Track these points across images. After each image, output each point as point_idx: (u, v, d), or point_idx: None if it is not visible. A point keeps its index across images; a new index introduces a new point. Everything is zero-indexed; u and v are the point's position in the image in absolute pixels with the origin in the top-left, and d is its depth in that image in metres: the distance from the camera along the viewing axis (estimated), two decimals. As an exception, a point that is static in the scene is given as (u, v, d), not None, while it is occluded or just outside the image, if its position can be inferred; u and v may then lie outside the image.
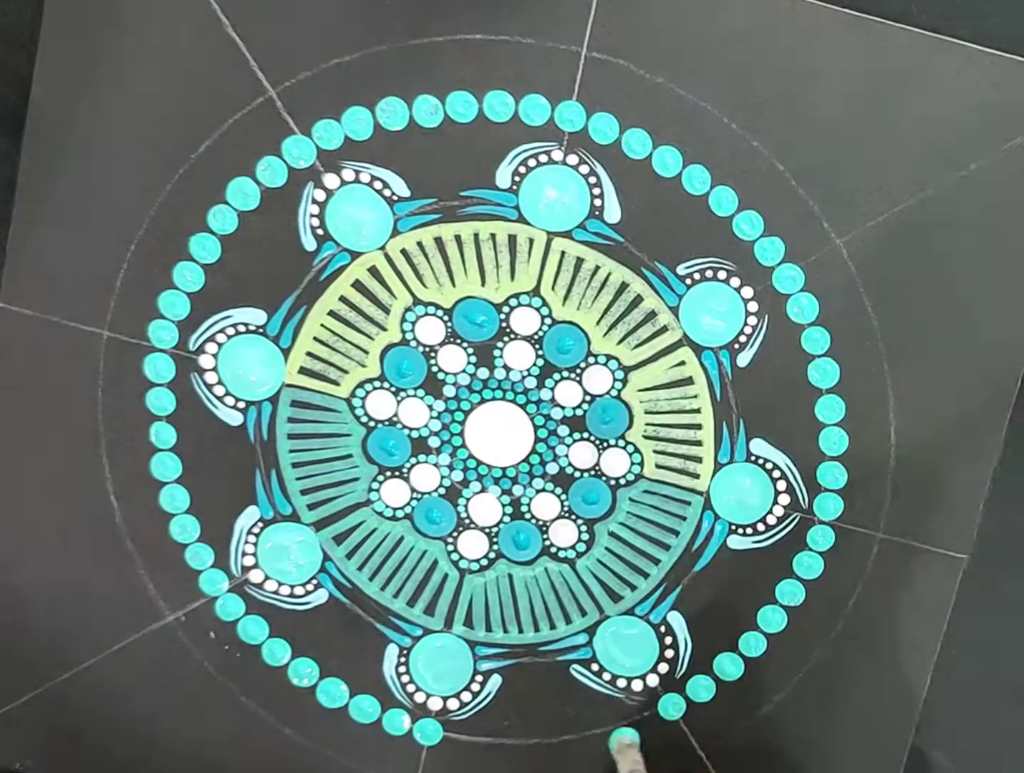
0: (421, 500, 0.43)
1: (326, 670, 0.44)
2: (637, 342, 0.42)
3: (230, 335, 0.42)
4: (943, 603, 0.43)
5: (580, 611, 0.43)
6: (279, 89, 0.40)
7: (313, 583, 0.43)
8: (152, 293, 0.41)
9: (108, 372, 0.42)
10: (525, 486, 0.43)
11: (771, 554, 0.42)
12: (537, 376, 0.42)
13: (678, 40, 0.39)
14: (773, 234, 0.41)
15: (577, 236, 0.41)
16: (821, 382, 0.41)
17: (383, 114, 0.40)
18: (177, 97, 0.40)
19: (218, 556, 0.43)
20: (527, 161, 0.40)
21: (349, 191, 0.41)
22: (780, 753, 0.43)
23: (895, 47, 0.39)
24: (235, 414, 0.42)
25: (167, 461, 0.42)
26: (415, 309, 0.42)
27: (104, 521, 0.43)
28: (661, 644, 0.43)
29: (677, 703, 0.43)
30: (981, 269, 0.41)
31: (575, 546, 0.43)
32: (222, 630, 0.43)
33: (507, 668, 0.44)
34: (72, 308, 0.41)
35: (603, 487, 0.43)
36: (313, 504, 0.43)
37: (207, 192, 0.41)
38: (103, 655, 0.43)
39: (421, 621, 0.44)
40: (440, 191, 0.41)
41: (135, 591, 0.43)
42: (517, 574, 0.43)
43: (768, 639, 0.43)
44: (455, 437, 0.42)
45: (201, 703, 0.44)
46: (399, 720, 0.44)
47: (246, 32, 0.40)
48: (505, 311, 0.41)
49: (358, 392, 0.42)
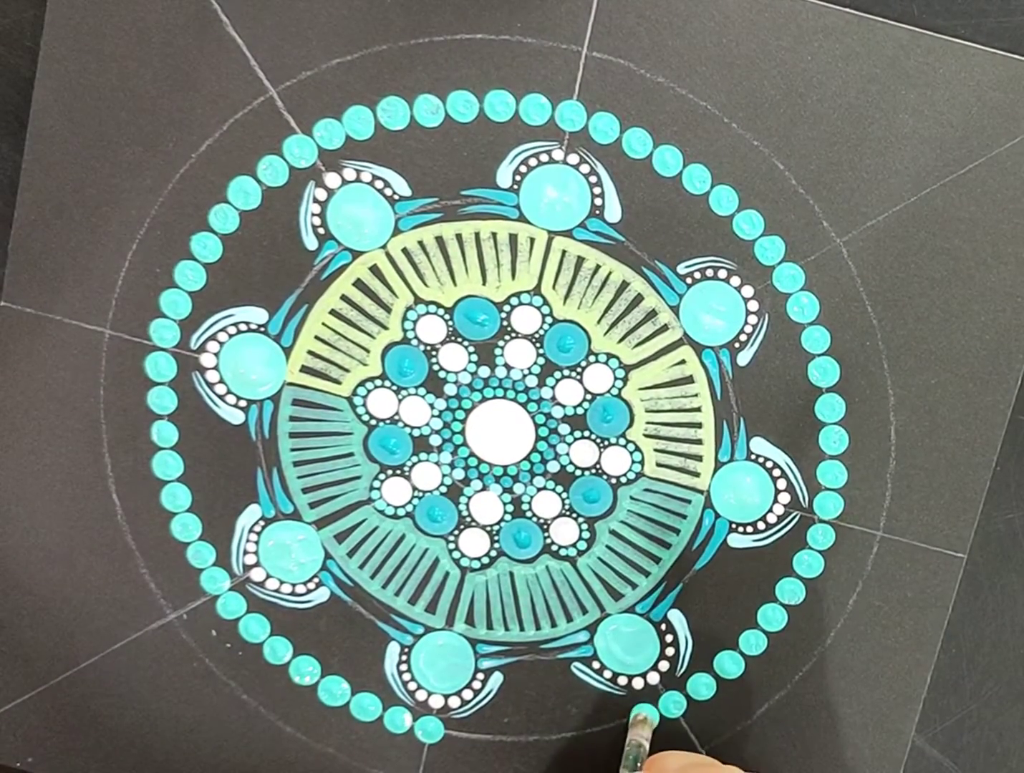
0: (422, 498, 0.43)
1: (327, 668, 0.44)
2: (638, 341, 0.42)
3: (231, 334, 0.42)
4: (943, 602, 0.43)
5: (581, 609, 0.43)
6: (280, 89, 0.40)
7: (314, 581, 0.43)
8: (154, 292, 0.41)
9: (110, 371, 0.42)
10: (526, 484, 0.43)
11: (771, 552, 0.43)
12: (538, 375, 0.42)
13: (679, 40, 0.40)
14: (773, 233, 0.41)
15: (578, 235, 0.41)
16: (821, 381, 0.41)
17: (384, 114, 0.40)
18: (178, 97, 0.40)
19: (219, 554, 0.43)
20: (528, 160, 0.41)
21: (350, 190, 0.41)
22: (780, 751, 0.44)
23: (896, 46, 0.39)
24: (236, 413, 0.42)
25: (169, 460, 0.42)
26: (416, 308, 0.42)
27: (105, 519, 0.43)
28: (662, 642, 0.43)
29: (678, 701, 0.43)
30: (981, 269, 0.41)
31: (576, 544, 0.43)
32: (223, 628, 0.43)
33: (508, 666, 0.44)
34: (74, 307, 0.41)
35: (604, 485, 0.43)
36: (314, 502, 0.43)
37: (208, 191, 0.41)
38: (104, 653, 0.43)
39: (422, 619, 0.44)
40: (441, 190, 0.41)
41: (136, 589, 0.43)
42: (518, 572, 0.43)
43: (768, 637, 0.43)
44: (456, 435, 0.43)
45: (202, 701, 0.44)
46: (400, 718, 0.44)
47: (246, 32, 0.40)
48: (506, 310, 0.42)
49: (359, 391, 0.42)
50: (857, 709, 0.43)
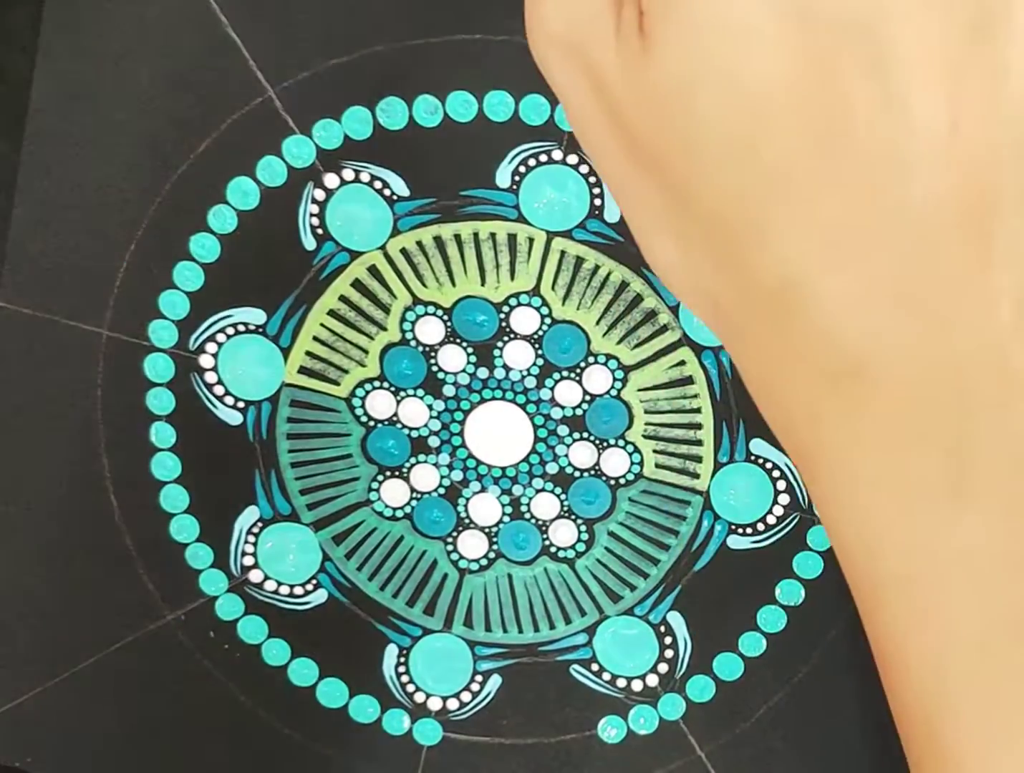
0: (421, 500, 0.43)
1: (325, 670, 0.44)
2: (637, 342, 0.42)
3: (230, 335, 0.42)
4: (943, 603, 0.42)
5: (579, 611, 0.43)
6: (278, 89, 0.40)
7: (312, 583, 0.43)
8: (152, 293, 0.41)
9: (108, 371, 0.42)
10: (525, 486, 0.43)
11: (771, 554, 0.42)
12: (537, 376, 0.42)
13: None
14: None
15: (577, 235, 0.41)
16: (821, 382, 0.41)
17: (383, 114, 0.40)
18: (176, 97, 0.40)
19: (218, 556, 0.43)
20: (527, 161, 0.40)
21: (349, 191, 0.41)
22: (780, 753, 0.43)
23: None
24: (235, 414, 0.42)
25: (167, 461, 0.42)
26: (415, 309, 0.42)
27: (103, 520, 0.43)
28: (661, 644, 0.43)
29: (677, 703, 0.43)
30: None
31: (575, 546, 0.43)
32: (222, 630, 0.43)
33: (507, 668, 0.44)
34: (72, 307, 0.41)
35: (603, 487, 0.43)
36: (312, 504, 0.43)
37: (207, 192, 0.41)
38: (102, 654, 0.43)
39: (421, 621, 0.44)
40: (440, 191, 0.41)
41: (134, 591, 0.43)
42: (517, 574, 0.43)
43: (768, 639, 0.43)
44: (455, 437, 0.42)
45: (200, 702, 0.44)
46: (399, 720, 0.44)
47: (245, 32, 0.40)
48: (505, 311, 0.41)
49: (358, 392, 0.42)
50: (858, 710, 0.43)
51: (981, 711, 0.26)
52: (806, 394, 0.24)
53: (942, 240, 0.22)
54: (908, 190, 0.22)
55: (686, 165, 0.23)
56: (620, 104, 0.25)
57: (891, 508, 0.25)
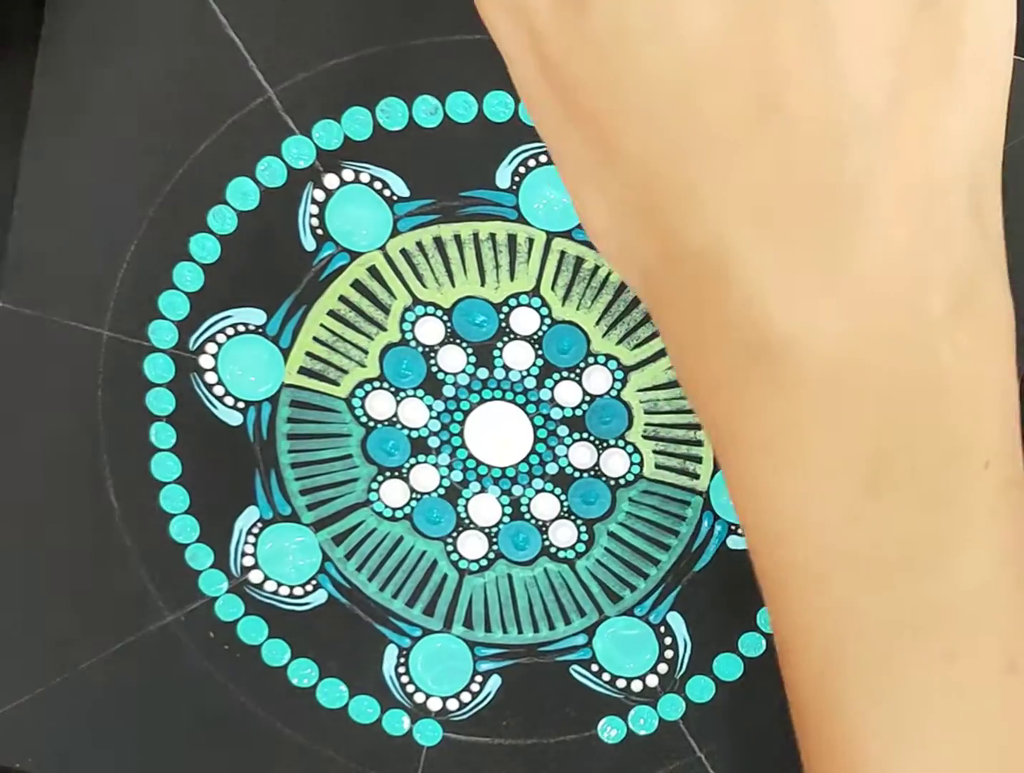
0: (421, 500, 0.43)
1: (325, 671, 0.44)
2: (637, 342, 0.42)
3: (230, 335, 0.42)
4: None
5: (579, 611, 0.43)
6: (278, 89, 0.40)
7: (312, 584, 0.43)
8: (152, 293, 0.41)
9: (108, 372, 0.42)
10: (525, 486, 0.43)
11: (771, 555, 0.42)
12: (537, 376, 0.42)
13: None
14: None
15: (577, 236, 0.41)
16: (821, 382, 0.41)
17: (383, 114, 0.40)
18: (176, 98, 0.40)
19: (218, 556, 0.43)
20: (527, 161, 0.40)
21: (349, 191, 0.41)
22: (780, 753, 0.43)
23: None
24: (235, 414, 0.42)
25: (167, 461, 0.42)
26: (415, 309, 0.42)
27: (104, 521, 0.43)
28: (660, 645, 0.43)
29: (677, 703, 0.43)
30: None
31: (574, 546, 0.43)
32: (221, 630, 0.43)
33: (507, 669, 0.44)
34: (72, 308, 0.41)
35: (603, 487, 0.42)
36: (312, 504, 0.43)
37: (207, 192, 0.41)
38: (102, 655, 0.43)
39: (420, 622, 0.44)
40: (440, 191, 0.41)
41: (135, 591, 0.43)
42: (516, 574, 0.43)
43: (768, 639, 0.43)
44: (455, 437, 0.42)
45: (200, 702, 0.44)
46: (399, 720, 0.44)
47: (245, 33, 0.40)
48: (505, 311, 0.41)
49: (357, 392, 0.42)
50: (857, 711, 0.43)
51: (879, 710, 0.25)
52: (726, 365, 0.23)
53: (876, 219, 0.21)
54: (841, 164, 0.20)
55: (619, 117, 0.22)
56: (556, 55, 0.24)
57: (801, 494, 0.24)
